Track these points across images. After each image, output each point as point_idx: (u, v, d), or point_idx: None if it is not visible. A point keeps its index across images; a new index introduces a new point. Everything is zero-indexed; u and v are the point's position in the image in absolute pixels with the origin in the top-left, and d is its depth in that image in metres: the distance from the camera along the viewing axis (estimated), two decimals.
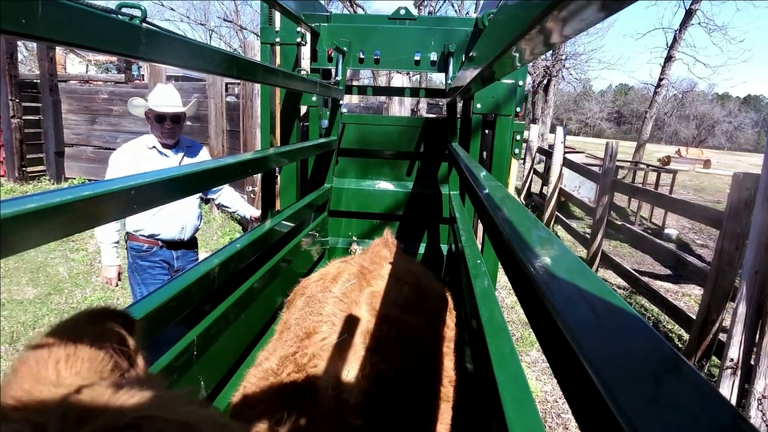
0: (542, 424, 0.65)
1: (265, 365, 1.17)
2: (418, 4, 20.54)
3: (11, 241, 0.57)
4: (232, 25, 24.23)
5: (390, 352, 1.11)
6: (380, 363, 1.06)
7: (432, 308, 1.40)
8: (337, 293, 1.31)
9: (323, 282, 1.44)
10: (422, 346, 1.23)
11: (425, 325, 1.28)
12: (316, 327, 1.19)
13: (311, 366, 1.06)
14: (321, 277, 1.49)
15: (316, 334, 1.17)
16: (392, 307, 1.25)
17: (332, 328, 1.18)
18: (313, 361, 1.07)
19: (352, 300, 1.27)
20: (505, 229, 0.71)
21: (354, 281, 1.36)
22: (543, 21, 0.52)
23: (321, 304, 1.28)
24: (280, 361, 1.14)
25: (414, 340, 1.20)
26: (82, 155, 9.29)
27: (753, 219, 3.37)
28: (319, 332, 1.17)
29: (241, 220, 7.38)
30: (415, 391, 1.10)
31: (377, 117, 3.32)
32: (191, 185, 1.04)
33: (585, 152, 14.65)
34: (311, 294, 1.40)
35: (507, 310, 4.97)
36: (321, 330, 1.18)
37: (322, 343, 1.13)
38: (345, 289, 1.33)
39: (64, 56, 16.37)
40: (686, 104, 50.26)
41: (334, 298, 1.29)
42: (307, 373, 1.05)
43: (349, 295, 1.30)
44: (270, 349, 1.27)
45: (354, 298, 1.28)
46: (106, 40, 0.67)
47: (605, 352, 0.34)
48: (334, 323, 1.19)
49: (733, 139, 59.97)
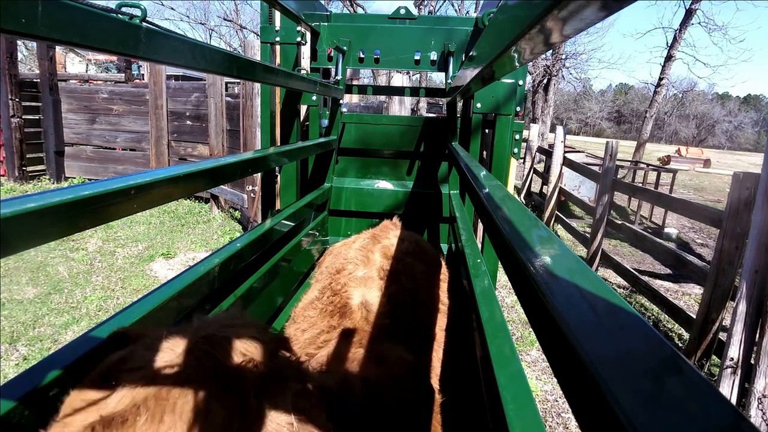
0: (542, 423, 0.65)
1: (309, 297, 1.57)
2: (418, 4, 20.52)
3: (11, 241, 0.57)
4: (232, 24, 24.23)
5: (399, 281, 1.49)
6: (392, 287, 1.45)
7: (429, 259, 1.79)
8: (357, 246, 1.71)
9: (345, 245, 1.87)
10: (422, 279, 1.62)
11: (424, 267, 1.68)
12: (344, 265, 1.59)
13: (344, 291, 1.44)
14: (343, 243, 1.92)
15: (344, 270, 1.56)
16: (398, 253, 1.65)
17: (355, 266, 1.56)
18: (345, 288, 1.46)
19: (368, 249, 1.67)
20: (505, 229, 0.71)
21: (368, 240, 1.76)
22: (543, 20, 0.52)
23: (345, 254, 1.69)
24: (320, 291, 1.53)
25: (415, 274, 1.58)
26: (82, 155, 9.29)
27: (753, 218, 3.37)
28: (346, 269, 1.56)
29: (241, 220, 7.38)
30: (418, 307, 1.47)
31: (377, 116, 3.31)
32: (191, 184, 1.04)
33: (585, 151, 14.65)
34: (337, 251, 1.84)
35: (507, 310, 4.98)
36: (347, 267, 1.57)
37: (349, 276, 1.52)
38: (362, 244, 1.73)
39: (64, 55, 16.37)
40: (686, 104, 50.28)
41: (354, 249, 1.69)
42: (343, 296, 1.42)
43: (366, 246, 1.69)
44: (310, 290, 1.66)
45: (370, 248, 1.68)
46: (106, 40, 0.67)
47: (605, 351, 0.34)
48: (357, 263, 1.58)
49: (733, 138, 59.94)
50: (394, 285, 1.46)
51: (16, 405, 0.67)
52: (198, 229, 7.09)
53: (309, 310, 1.48)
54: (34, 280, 5.04)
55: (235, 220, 7.51)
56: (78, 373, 0.77)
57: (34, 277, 5.11)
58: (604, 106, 64.61)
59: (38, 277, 5.12)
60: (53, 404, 0.73)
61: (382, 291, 1.43)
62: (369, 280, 1.49)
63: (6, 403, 0.66)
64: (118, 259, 5.77)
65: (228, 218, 7.59)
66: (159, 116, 8.51)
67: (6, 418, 0.65)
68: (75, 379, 0.77)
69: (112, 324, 0.88)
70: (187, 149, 8.56)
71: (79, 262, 5.61)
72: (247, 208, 6.89)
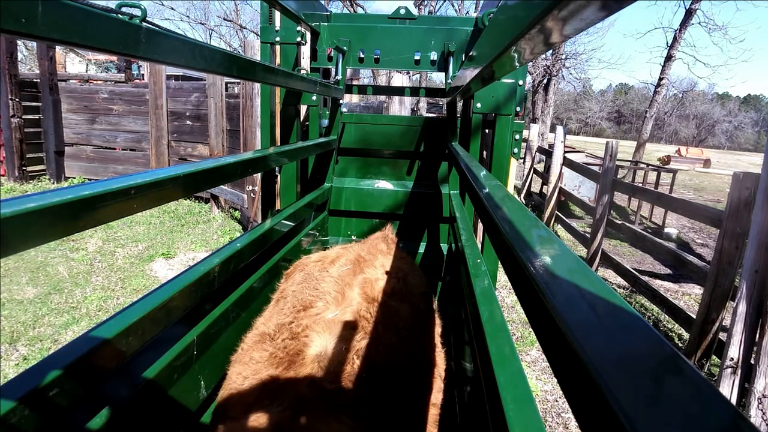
0: (542, 423, 0.65)
1: (262, 329, 1.28)
2: (418, 4, 20.51)
3: (11, 241, 0.57)
4: (232, 24, 24.23)
5: (375, 332, 1.20)
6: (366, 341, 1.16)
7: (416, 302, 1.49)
8: (334, 274, 1.42)
9: (322, 263, 1.55)
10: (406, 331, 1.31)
11: (409, 312, 1.38)
12: (312, 301, 1.30)
13: (304, 335, 1.16)
14: (320, 259, 1.60)
15: (312, 308, 1.27)
16: (381, 294, 1.36)
17: (326, 304, 1.28)
18: (306, 331, 1.17)
19: (346, 282, 1.38)
20: (505, 229, 0.71)
21: (349, 267, 1.46)
22: (543, 20, 0.52)
23: (317, 282, 1.39)
24: (277, 328, 1.24)
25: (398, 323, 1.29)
26: (82, 155, 9.29)
27: (753, 218, 3.37)
28: (314, 306, 1.27)
29: (241, 220, 7.38)
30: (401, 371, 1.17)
31: (377, 116, 3.31)
32: (191, 184, 1.04)
33: (585, 151, 14.65)
34: (309, 272, 1.50)
35: (507, 310, 4.98)
36: (316, 305, 1.28)
37: (316, 317, 1.23)
38: (341, 272, 1.43)
39: (64, 55, 16.37)
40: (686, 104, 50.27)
41: (330, 278, 1.40)
42: (300, 342, 1.14)
43: (344, 278, 1.40)
44: (267, 316, 1.37)
45: (348, 281, 1.39)
46: (106, 40, 0.67)
47: (605, 351, 0.34)
48: (328, 301, 1.30)
49: (733, 138, 59.92)
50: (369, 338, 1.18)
51: (16, 405, 0.67)
52: (198, 229, 7.09)
53: (257, 350, 1.19)
54: (34, 280, 5.04)
55: (235, 220, 7.51)
56: (78, 373, 0.77)
57: (34, 277, 5.11)
58: (604, 106, 64.60)
59: (38, 277, 5.12)
60: (53, 404, 0.73)
61: (352, 344, 1.15)
62: (339, 325, 1.20)
63: (6, 403, 0.66)
64: (118, 259, 5.77)
65: (228, 218, 7.59)
66: (159, 116, 8.51)
67: (6, 418, 0.65)
68: (75, 379, 0.77)
69: (112, 324, 0.88)
70: (187, 149, 8.56)
71: (79, 262, 5.61)
72: (247, 208, 6.89)
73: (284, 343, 1.16)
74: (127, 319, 0.90)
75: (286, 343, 1.15)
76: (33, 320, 4.17)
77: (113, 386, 0.93)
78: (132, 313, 0.93)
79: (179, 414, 1.12)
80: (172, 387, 1.08)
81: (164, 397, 1.05)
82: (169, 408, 1.08)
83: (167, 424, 1.08)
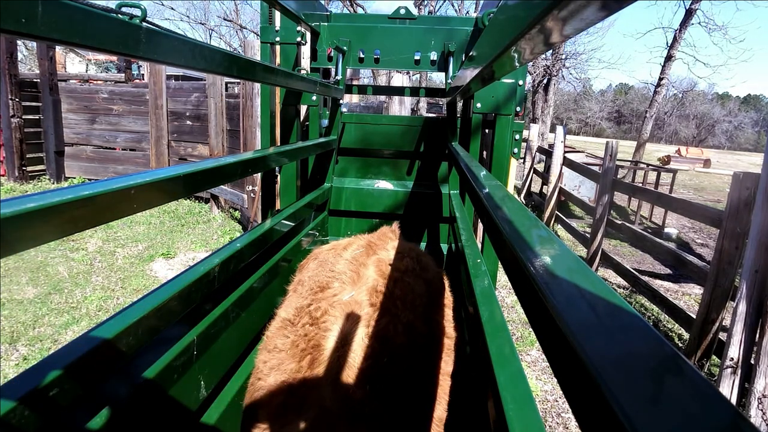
0: (542, 423, 0.65)
1: (283, 315, 1.32)
2: (418, 4, 20.51)
3: (11, 241, 0.57)
4: (232, 24, 24.23)
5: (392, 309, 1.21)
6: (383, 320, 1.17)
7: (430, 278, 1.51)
8: (348, 257, 1.45)
9: (335, 250, 1.58)
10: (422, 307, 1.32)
11: (425, 289, 1.40)
12: (329, 282, 1.32)
13: (322, 321, 1.18)
14: (333, 247, 1.63)
15: (329, 288, 1.29)
16: (396, 271, 1.37)
17: (342, 284, 1.30)
18: (324, 317, 1.19)
19: (360, 262, 1.40)
20: (505, 229, 0.71)
21: (362, 250, 1.49)
22: (543, 20, 0.52)
23: (332, 264, 1.42)
24: (296, 312, 1.27)
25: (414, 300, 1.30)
26: (82, 155, 9.29)
27: (753, 218, 3.37)
28: (331, 287, 1.30)
29: (241, 220, 7.38)
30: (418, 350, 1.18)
31: (377, 116, 3.31)
32: (191, 184, 1.04)
33: (585, 151, 14.65)
34: (324, 258, 1.53)
35: (507, 310, 4.98)
36: (333, 285, 1.30)
37: (333, 299, 1.25)
38: (355, 254, 1.46)
39: (64, 55, 16.37)
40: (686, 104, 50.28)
41: (344, 260, 1.43)
42: (320, 330, 1.16)
43: (358, 258, 1.43)
44: (286, 303, 1.41)
45: (362, 260, 1.41)
46: (106, 40, 0.67)
47: (605, 351, 0.34)
48: (344, 281, 1.32)
49: (733, 138, 59.92)
50: (387, 316, 1.18)
51: (16, 405, 0.67)
52: (198, 229, 7.09)
53: (279, 338, 1.22)
54: (34, 280, 5.04)
55: (235, 220, 7.51)
56: (78, 373, 0.77)
57: (34, 277, 5.11)
58: (604, 106, 64.59)
59: (38, 277, 5.12)
60: (53, 404, 0.73)
61: (371, 327, 1.14)
62: (356, 306, 1.21)
63: (6, 403, 0.66)
64: (118, 259, 5.77)
65: (228, 218, 7.59)
66: (159, 116, 8.51)
67: (6, 418, 0.65)
68: (75, 379, 0.77)
69: (112, 324, 0.88)
70: (187, 149, 8.56)
71: (79, 262, 5.61)
72: (247, 208, 6.89)
73: (304, 330, 1.18)
74: (127, 319, 0.90)
75: (306, 330, 1.18)
76: (33, 320, 4.17)
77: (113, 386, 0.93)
78: (132, 313, 0.93)
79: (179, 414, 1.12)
80: (172, 387, 1.07)
81: (164, 397, 1.05)
82: (169, 408, 1.08)
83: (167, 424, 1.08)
